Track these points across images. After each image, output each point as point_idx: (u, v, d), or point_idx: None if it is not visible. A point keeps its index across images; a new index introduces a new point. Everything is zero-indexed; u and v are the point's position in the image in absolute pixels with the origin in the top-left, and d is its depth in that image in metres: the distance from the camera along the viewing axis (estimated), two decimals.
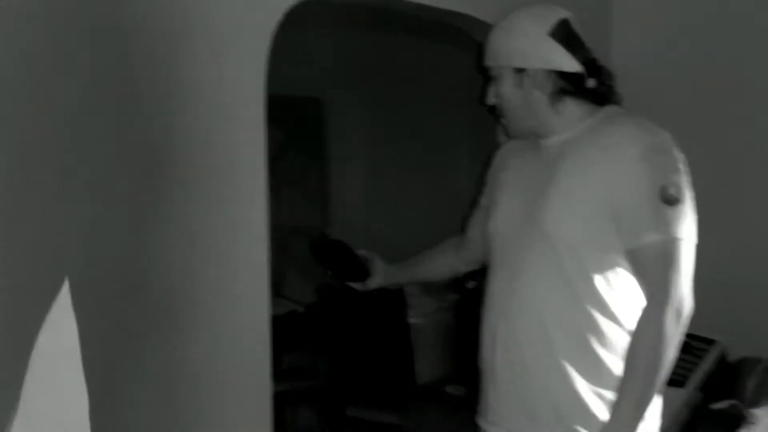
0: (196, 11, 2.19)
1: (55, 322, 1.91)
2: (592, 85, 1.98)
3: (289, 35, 2.43)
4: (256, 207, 2.34)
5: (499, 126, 2.16)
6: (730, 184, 3.34)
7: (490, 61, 2.03)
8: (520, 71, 1.97)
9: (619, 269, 1.89)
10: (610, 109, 1.99)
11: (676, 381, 2.79)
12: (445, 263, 2.40)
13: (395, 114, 4.95)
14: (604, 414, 1.87)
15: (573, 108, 1.98)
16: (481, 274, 2.22)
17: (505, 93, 2.00)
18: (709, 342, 3.11)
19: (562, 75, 1.96)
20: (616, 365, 1.87)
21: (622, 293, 1.90)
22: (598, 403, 1.89)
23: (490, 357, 2.01)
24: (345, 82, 5.01)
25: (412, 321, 4.30)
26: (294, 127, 4.82)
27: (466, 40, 3.12)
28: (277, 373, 2.41)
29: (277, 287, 2.49)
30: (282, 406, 3.33)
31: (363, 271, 2.37)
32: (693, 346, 3.03)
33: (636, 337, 1.83)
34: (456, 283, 4.21)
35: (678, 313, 1.80)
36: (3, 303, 1.84)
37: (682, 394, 2.91)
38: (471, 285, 3.97)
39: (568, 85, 1.97)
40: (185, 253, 2.18)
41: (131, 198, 2.07)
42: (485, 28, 2.27)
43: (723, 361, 3.09)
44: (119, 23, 2.05)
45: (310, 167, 5.20)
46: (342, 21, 4.65)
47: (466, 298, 4.10)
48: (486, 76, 2.06)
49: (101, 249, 2.02)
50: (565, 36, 1.96)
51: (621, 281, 1.90)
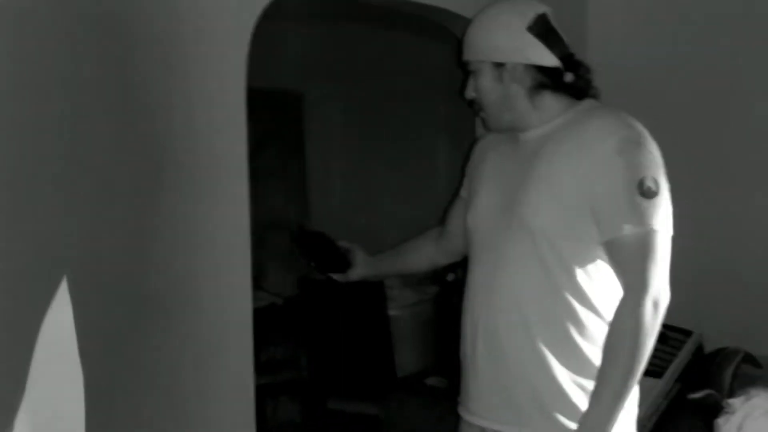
0: (177, 6, 2.19)
1: (53, 320, 1.91)
2: (569, 80, 1.99)
3: (268, 29, 2.43)
4: (238, 201, 2.33)
5: (478, 119, 2.18)
6: (704, 176, 3.37)
7: (469, 56, 2.05)
8: (499, 66, 1.99)
9: (598, 261, 1.91)
10: (587, 103, 2.01)
11: (653, 372, 2.82)
12: (425, 255, 2.40)
13: (374, 107, 4.95)
14: (584, 403, 1.88)
15: (551, 102, 2.00)
16: (460, 267, 2.23)
17: (484, 87, 2.02)
18: (686, 333, 3.15)
19: (541, 69, 1.98)
20: (596, 355, 1.88)
21: (601, 284, 1.92)
22: (578, 392, 1.91)
23: (471, 347, 2.02)
24: (324, 76, 5.01)
25: (392, 313, 4.32)
26: (273, 121, 4.80)
27: (444, 33, 3.13)
28: (257, 366, 2.41)
29: (256, 280, 2.49)
30: (263, 400, 3.33)
31: (344, 262, 2.37)
32: (670, 337, 3.06)
33: (614, 327, 1.84)
34: (435, 276, 4.23)
35: (655, 303, 1.81)
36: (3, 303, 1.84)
37: (659, 385, 2.94)
38: (450, 278, 4.00)
39: (547, 80, 1.98)
40: (167, 248, 2.18)
41: (114, 194, 2.07)
42: (463, 23, 2.28)
43: (699, 352, 3.13)
44: (99, 20, 2.04)
45: (289, 161, 5.19)
46: (320, 15, 4.65)
47: (446, 290, 4.12)
48: (465, 70, 2.07)
49: (87, 246, 2.02)
50: (544, 31, 1.97)
51: (600, 273, 1.92)
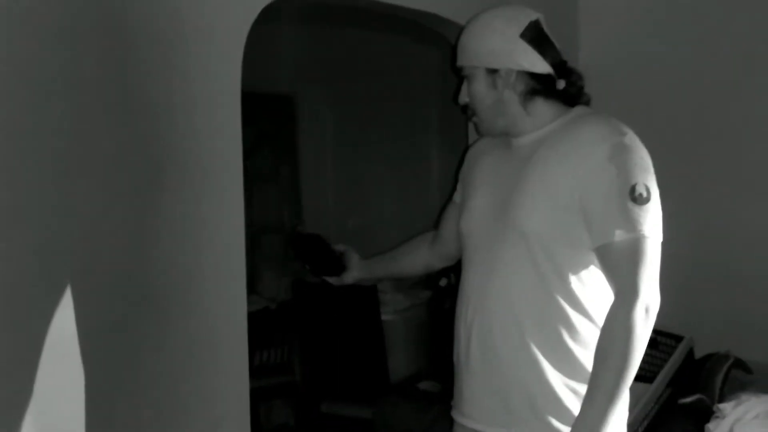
0: (176, 7, 2.19)
1: (51, 320, 1.91)
2: (561, 87, 2.01)
3: (262, 33, 2.44)
4: (233, 203, 2.32)
5: (470, 124, 2.19)
6: (695, 181, 3.38)
7: (462, 61, 2.06)
8: (493, 72, 2.00)
9: (591, 266, 1.92)
10: (579, 109, 2.03)
11: (644, 376, 2.83)
12: (420, 258, 2.42)
13: (367, 111, 4.96)
14: (576, 407, 1.89)
15: (543, 108, 2.01)
16: (453, 272, 2.24)
17: (478, 93, 2.03)
18: (677, 338, 3.15)
19: (533, 76, 1.99)
20: (588, 359, 1.89)
21: (594, 289, 1.93)
22: (571, 396, 1.92)
23: (465, 350, 2.03)
24: (317, 79, 5.02)
25: (385, 318, 4.33)
26: (266, 124, 4.81)
27: (437, 38, 3.14)
28: (251, 369, 2.41)
29: (250, 284, 2.50)
30: (256, 403, 3.33)
31: (339, 265, 2.38)
32: (661, 342, 3.07)
33: (605, 332, 1.84)
34: (428, 281, 4.24)
35: (646, 309, 1.81)
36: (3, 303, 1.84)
37: (650, 389, 2.95)
38: (443, 283, 4.00)
39: (539, 86, 2.00)
40: (163, 250, 2.18)
41: (111, 194, 2.07)
42: (456, 28, 2.29)
43: (690, 357, 3.14)
44: (99, 20, 2.04)
45: (282, 164, 5.20)
46: (314, 19, 4.66)
47: (439, 295, 4.13)
48: (459, 76, 2.09)
49: (86, 246, 2.02)
50: (536, 37, 1.99)
51: (593, 278, 1.93)
